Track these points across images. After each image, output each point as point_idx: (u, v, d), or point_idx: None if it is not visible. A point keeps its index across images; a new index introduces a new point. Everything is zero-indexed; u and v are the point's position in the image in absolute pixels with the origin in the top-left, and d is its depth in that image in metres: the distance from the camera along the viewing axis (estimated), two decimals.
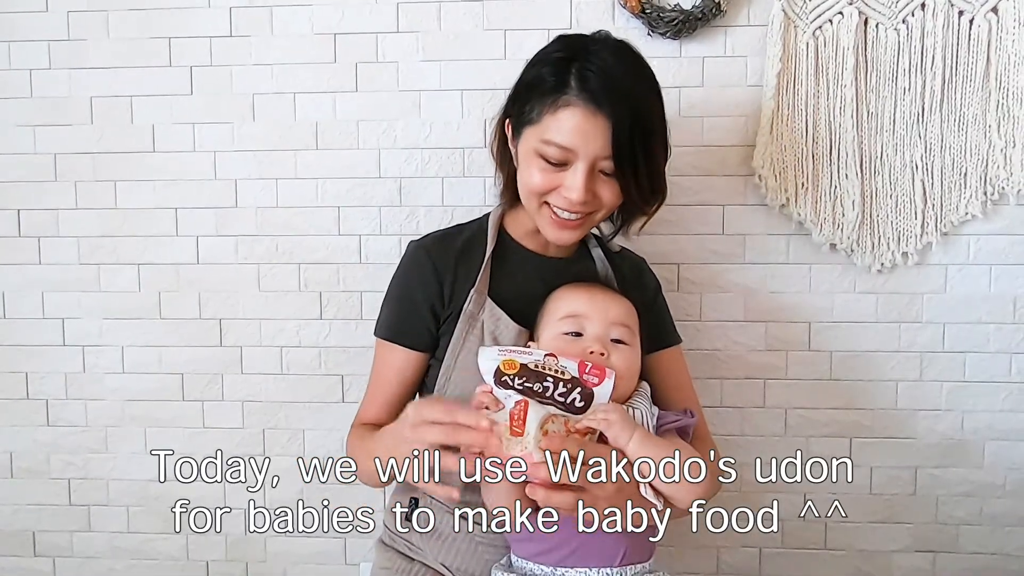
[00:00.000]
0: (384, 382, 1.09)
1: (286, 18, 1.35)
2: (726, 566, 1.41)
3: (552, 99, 0.95)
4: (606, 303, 0.97)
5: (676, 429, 0.95)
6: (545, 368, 0.86)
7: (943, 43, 1.27)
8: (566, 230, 1.02)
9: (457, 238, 1.10)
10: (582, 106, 0.93)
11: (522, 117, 1.00)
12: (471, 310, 1.04)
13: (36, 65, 1.38)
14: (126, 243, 1.40)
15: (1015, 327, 1.35)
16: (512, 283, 1.07)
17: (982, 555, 1.39)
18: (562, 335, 0.95)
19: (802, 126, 1.30)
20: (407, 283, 1.08)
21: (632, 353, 0.95)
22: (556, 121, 0.95)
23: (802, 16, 1.29)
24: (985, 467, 1.38)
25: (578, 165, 0.96)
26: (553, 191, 0.99)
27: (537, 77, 0.98)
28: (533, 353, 0.89)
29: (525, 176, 1.01)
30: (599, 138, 0.94)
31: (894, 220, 1.32)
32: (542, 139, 0.96)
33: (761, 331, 1.37)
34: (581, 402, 0.86)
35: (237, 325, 1.41)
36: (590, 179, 0.97)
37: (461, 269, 1.06)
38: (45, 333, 1.43)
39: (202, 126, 1.38)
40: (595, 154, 0.95)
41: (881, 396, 1.37)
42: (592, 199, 0.98)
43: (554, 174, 0.97)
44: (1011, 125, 1.28)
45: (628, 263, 1.18)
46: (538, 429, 0.81)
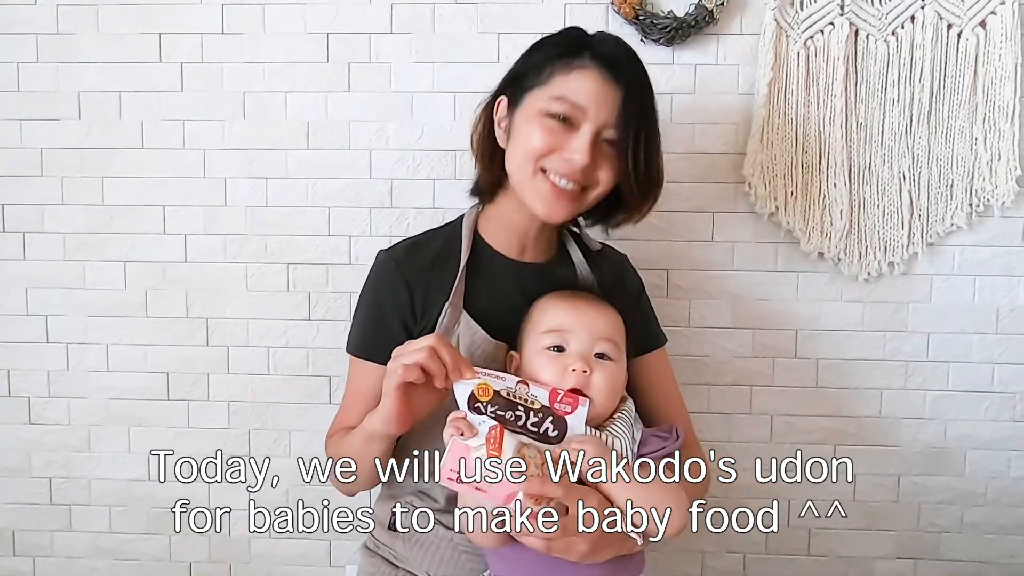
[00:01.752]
0: (359, 399, 1.05)
1: (279, 16, 1.35)
2: (711, 571, 1.42)
3: (566, 61, 0.96)
4: (592, 317, 0.93)
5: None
6: (517, 397, 0.86)
7: (931, 56, 1.29)
8: (561, 201, 0.98)
9: (429, 246, 1.06)
10: (597, 71, 0.95)
11: (525, 83, 0.99)
12: (446, 324, 1.00)
13: (24, 58, 1.36)
14: (112, 240, 1.39)
15: (998, 337, 1.36)
16: (488, 293, 1.03)
17: (962, 562, 1.41)
18: (544, 350, 0.92)
19: (792, 135, 1.31)
20: (376, 297, 1.04)
21: (616, 369, 0.92)
22: (571, 80, 0.96)
23: (794, 26, 1.30)
24: (967, 475, 1.39)
25: (584, 128, 0.95)
26: (553, 154, 0.96)
27: (546, 50, 1.00)
28: (506, 379, 0.87)
29: (523, 141, 0.98)
30: (609, 105, 0.95)
31: (881, 230, 1.33)
32: (553, 96, 0.96)
33: (748, 338, 1.38)
34: (555, 431, 0.85)
35: (224, 325, 1.40)
36: (594, 146, 0.96)
37: (434, 280, 1.02)
38: (28, 330, 1.41)
39: (192, 123, 1.37)
40: (603, 120, 0.95)
41: (866, 404, 1.39)
42: (592, 170, 0.97)
43: (558, 136, 0.96)
44: (997, 138, 1.30)
45: (609, 263, 1.15)
46: (515, 452, 0.81)
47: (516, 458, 0.80)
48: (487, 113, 1.05)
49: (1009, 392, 1.37)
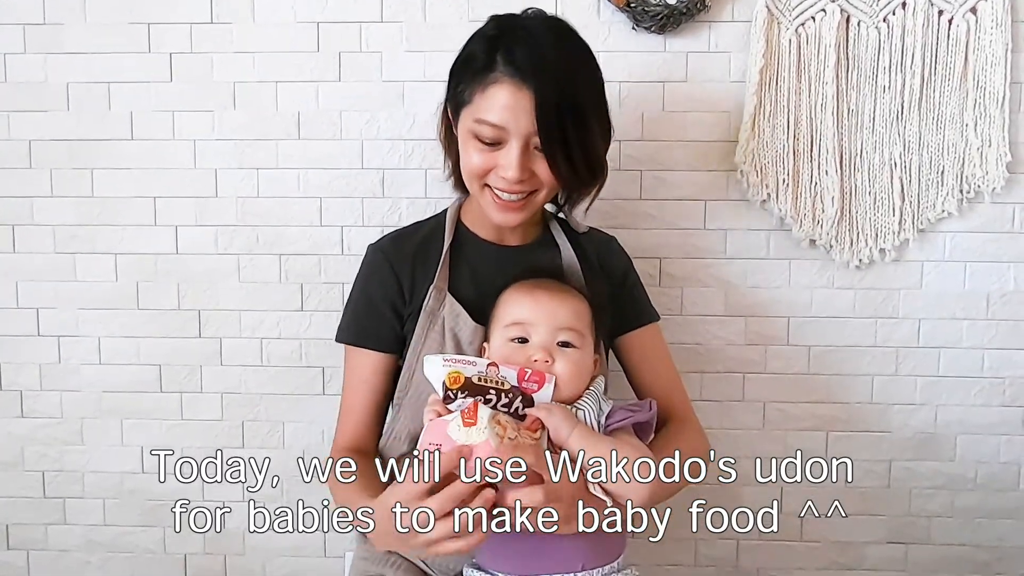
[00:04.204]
0: (355, 393, 1.07)
1: (269, 6, 1.33)
2: (704, 558, 1.43)
3: (481, 78, 0.95)
4: (552, 307, 0.95)
5: (634, 424, 0.93)
6: (487, 381, 0.88)
7: (923, 42, 1.29)
8: (510, 212, 1.00)
9: (414, 235, 1.10)
10: (508, 82, 0.93)
11: (457, 99, 0.99)
12: (431, 307, 1.03)
13: (11, 49, 1.35)
14: (103, 232, 1.38)
15: (988, 323, 1.37)
16: (472, 276, 1.07)
17: (953, 546, 1.42)
18: (508, 341, 0.95)
19: (784, 122, 1.31)
20: (366, 286, 1.08)
21: (579, 355, 0.94)
22: (486, 99, 0.94)
23: (785, 13, 1.30)
24: (957, 460, 1.40)
25: (512, 143, 0.95)
26: (490, 172, 0.98)
27: (468, 57, 0.99)
28: (476, 363, 0.89)
29: (465, 159, 1.00)
30: (528, 113, 0.92)
31: (872, 217, 1.34)
32: (475, 119, 0.95)
33: (741, 325, 1.39)
34: (523, 410, 0.88)
35: (216, 316, 1.40)
36: (525, 156, 0.95)
37: (419, 266, 1.06)
38: (20, 323, 1.40)
39: (182, 114, 1.36)
40: (526, 130, 0.94)
41: (857, 390, 1.39)
42: (530, 177, 0.97)
43: (491, 154, 0.96)
44: (987, 124, 1.30)
45: (595, 244, 1.16)
46: (490, 419, 0.83)
47: (490, 426, 0.82)
48: (445, 114, 1.06)
49: (999, 377, 1.38)
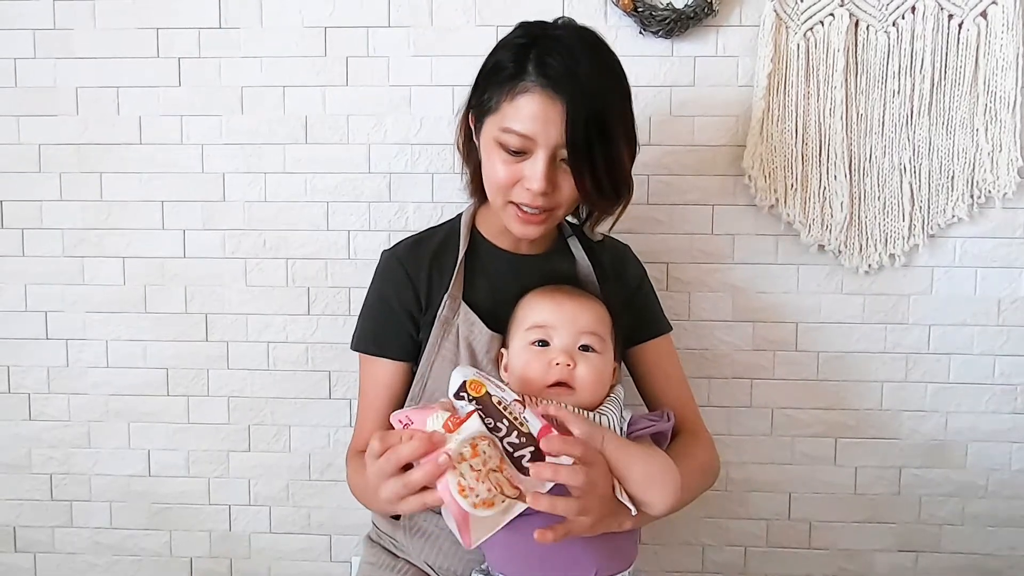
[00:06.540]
0: (372, 400, 1.05)
1: (276, 10, 1.34)
2: (711, 564, 1.42)
3: (510, 86, 0.93)
4: (574, 311, 0.94)
5: (651, 435, 0.93)
6: (507, 410, 0.82)
7: (932, 47, 1.28)
8: (531, 225, 0.99)
9: (429, 242, 1.08)
10: (540, 92, 0.91)
11: (483, 107, 0.97)
12: (445, 315, 1.02)
13: (21, 54, 1.36)
14: (111, 236, 1.39)
15: (999, 329, 1.36)
16: (487, 284, 1.05)
17: (963, 555, 1.40)
18: (529, 345, 0.93)
19: (792, 127, 1.31)
20: (382, 293, 1.06)
21: (601, 360, 0.93)
22: (514, 108, 0.92)
23: (793, 17, 1.29)
24: (968, 468, 1.39)
25: (538, 154, 0.93)
26: (516, 185, 0.96)
27: (496, 64, 0.96)
28: (505, 390, 0.85)
29: (489, 170, 0.98)
30: (557, 124, 0.91)
31: (882, 222, 1.33)
32: (501, 127, 0.94)
33: (749, 331, 1.38)
34: (529, 462, 0.81)
35: (223, 320, 1.40)
36: (551, 169, 0.94)
37: (435, 273, 1.04)
38: (28, 326, 1.41)
39: (190, 118, 1.36)
40: (555, 142, 0.92)
41: (867, 397, 1.38)
42: (554, 191, 0.96)
43: (516, 165, 0.95)
44: (998, 129, 1.29)
45: (609, 253, 1.15)
46: (472, 438, 0.78)
47: (465, 444, 0.77)
48: (465, 122, 1.05)
49: (1010, 384, 1.37)
